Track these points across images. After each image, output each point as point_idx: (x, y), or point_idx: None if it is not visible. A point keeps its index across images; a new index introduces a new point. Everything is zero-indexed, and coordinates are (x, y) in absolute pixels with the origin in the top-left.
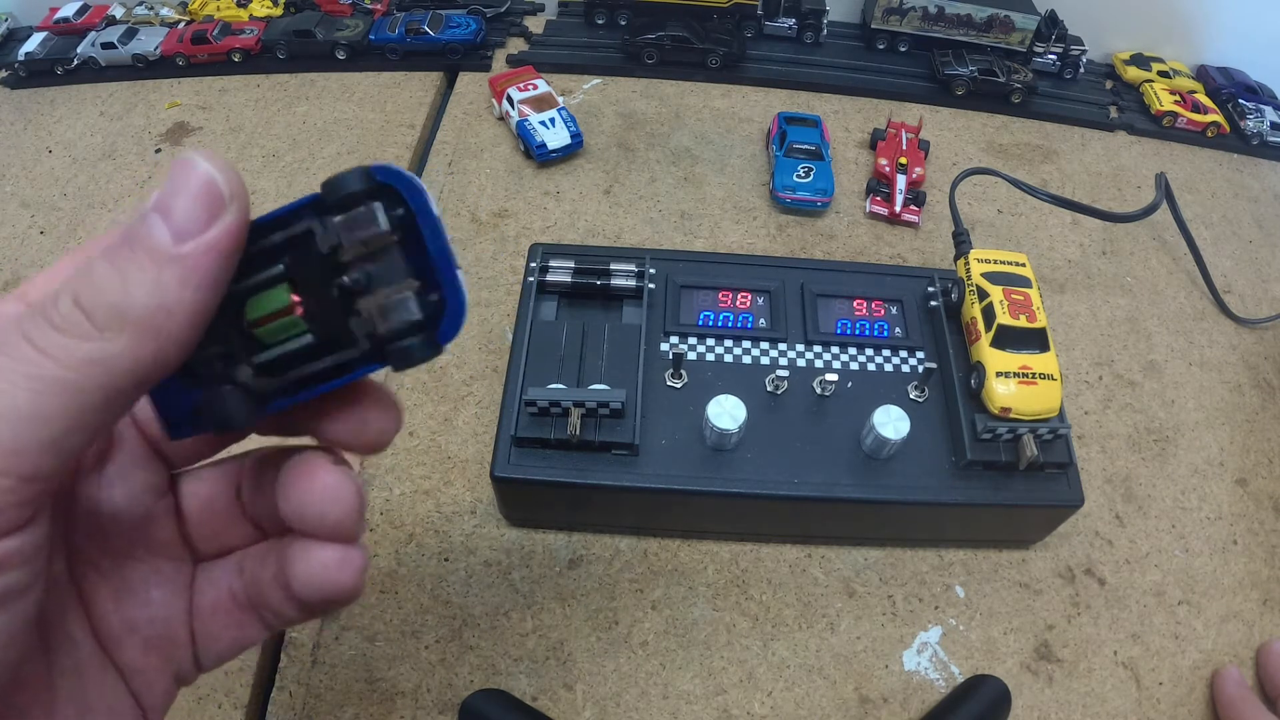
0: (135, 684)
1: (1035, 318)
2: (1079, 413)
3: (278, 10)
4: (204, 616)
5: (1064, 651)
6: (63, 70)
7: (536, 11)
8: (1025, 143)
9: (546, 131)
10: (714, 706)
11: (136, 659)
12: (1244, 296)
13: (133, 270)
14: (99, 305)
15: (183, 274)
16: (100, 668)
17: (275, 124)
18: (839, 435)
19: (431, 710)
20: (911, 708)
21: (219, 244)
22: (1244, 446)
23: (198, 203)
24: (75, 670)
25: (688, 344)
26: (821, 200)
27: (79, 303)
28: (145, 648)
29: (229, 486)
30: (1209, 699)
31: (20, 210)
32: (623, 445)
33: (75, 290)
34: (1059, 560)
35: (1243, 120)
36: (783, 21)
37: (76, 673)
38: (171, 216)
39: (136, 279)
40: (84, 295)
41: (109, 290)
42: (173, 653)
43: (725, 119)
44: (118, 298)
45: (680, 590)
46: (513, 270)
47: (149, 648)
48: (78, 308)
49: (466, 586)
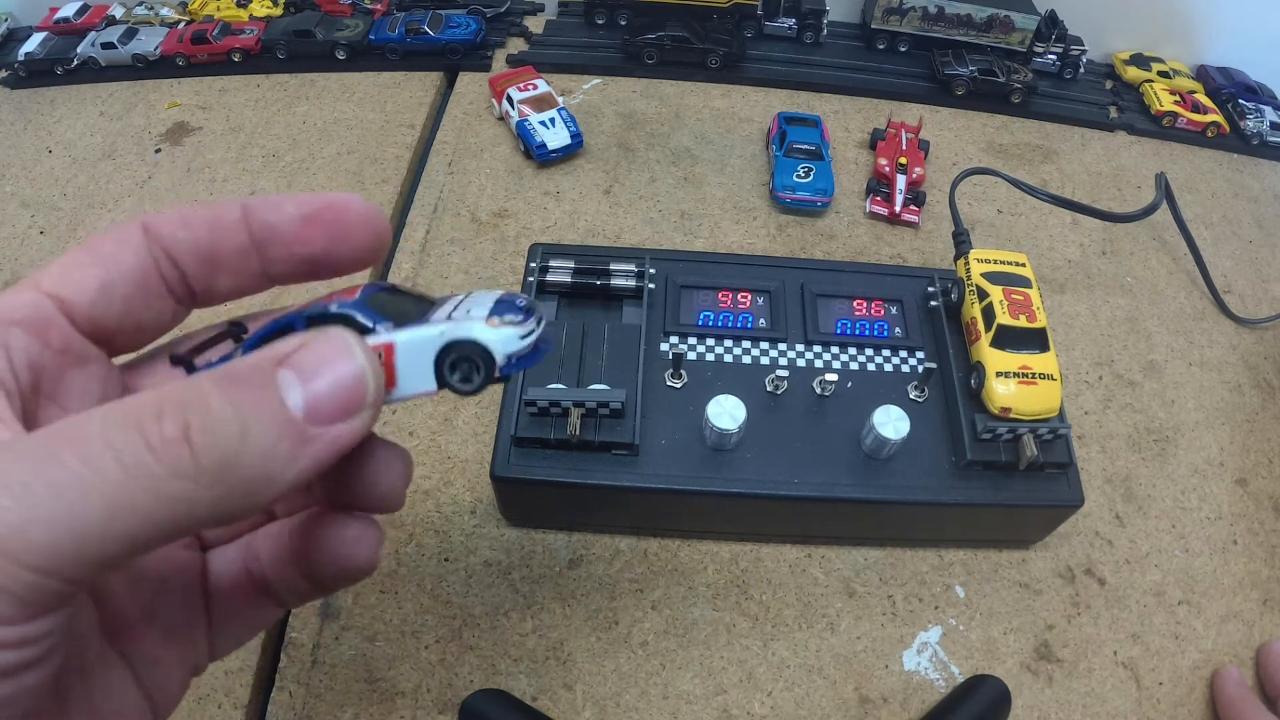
0: (149, 678)
1: (1035, 318)
2: (1079, 413)
3: (278, 10)
4: (220, 598)
5: (1064, 651)
6: (63, 70)
7: (536, 11)
8: (1025, 143)
9: (546, 131)
10: (714, 706)
11: (156, 650)
12: (1244, 296)
13: (255, 427)
14: (210, 450)
15: (300, 453)
16: (106, 666)
17: (275, 124)
18: (839, 435)
19: (431, 710)
20: (911, 708)
21: (342, 442)
22: (1244, 446)
23: (342, 392)
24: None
25: (688, 344)
26: (821, 200)
27: (189, 437)
28: (165, 637)
29: None
30: (1209, 699)
31: (20, 210)
32: (623, 445)
33: (187, 421)
34: (1059, 560)
35: (1243, 120)
36: (783, 21)
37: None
38: (311, 390)
39: (256, 439)
40: (197, 433)
41: (225, 438)
42: (191, 639)
43: (725, 119)
44: (231, 451)
45: (680, 590)
46: (513, 270)
47: (169, 637)
48: (185, 442)
49: (466, 586)
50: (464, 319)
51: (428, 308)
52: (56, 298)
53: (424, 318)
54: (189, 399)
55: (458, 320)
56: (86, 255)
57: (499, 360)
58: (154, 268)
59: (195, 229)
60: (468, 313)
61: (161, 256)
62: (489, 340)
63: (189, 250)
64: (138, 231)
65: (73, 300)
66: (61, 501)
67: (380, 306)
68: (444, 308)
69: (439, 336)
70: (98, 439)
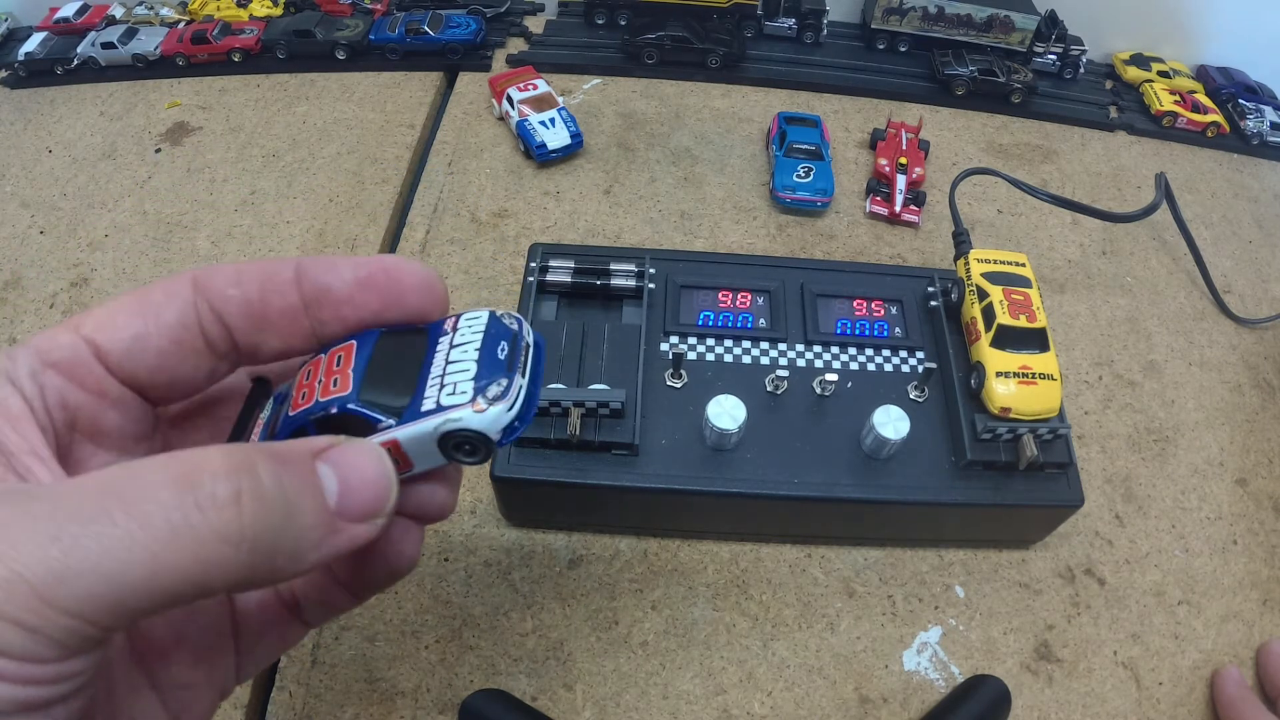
0: (177, 701)
1: (1035, 318)
2: (1079, 413)
3: (278, 10)
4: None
5: (1064, 651)
6: (63, 70)
7: (536, 11)
8: (1025, 143)
9: (546, 131)
10: (714, 706)
11: (185, 673)
12: (1244, 296)
13: (298, 508)
14: (258, 521)
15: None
16: (133, 691)
17: (275, 124)
18: (839, 435)
19: (431, 710)
20: (911, 708)
21: (359, 540)
22: (1244, 446)
23: (369, 494)
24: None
25: (688, 344)
26: (821, 200)
27: (241, 503)
28: (195, 660)
29: None
30: (1209, 699)
31: (20, 210)
32: (623, 445)
33: (240, 488)
34: (1059, 560)
35: (1243, 120)
36: (783, 21)
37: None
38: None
39: (298, 519)
40: (248, 500)
41: (272, 511)
42: (220, 662)
43: (725, 119)
44: (276, 524)
45: (680, 590)
46: (513, 270)
47: (199, 659)
48: (237, 507)
49: (466, 586)
50: (452, 401)
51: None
52: (93, 343)
53: (419, 398)
54: (240, 466)
55: (446, 407)
56: (132, 303)
57: (494, 438)
58: (196, 323)
59: (246, 286)
60: (454, 388)
61: (206, 312)
62: (480, 427)
63: (238, 308)
64: (187, 284)
65: (107, 348)
66: (108, 558)
67: (376, 387)
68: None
69: (434, 431)
70: (150, 499)
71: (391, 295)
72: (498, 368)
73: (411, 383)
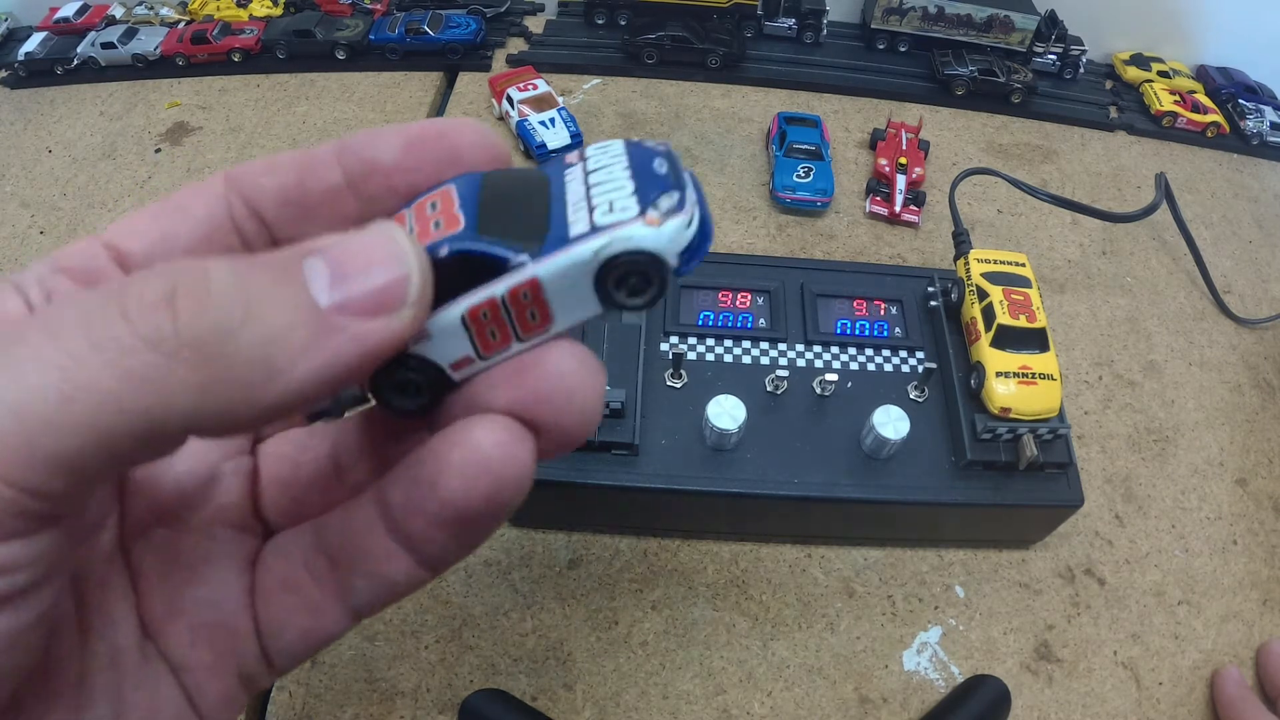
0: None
1: (1035, 318)
2: (1079, 413)
3: (278, 10)
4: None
5: (1064, 651)
6: (63, 70)
7: (536, 11)
8: (1025, 143)
9: (546, 131)
10: (714, 706)
11: (182, 651)
12: (1244, 296)
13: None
14: (197, 320)
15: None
16: (140, 659)
17: (275, 124)
18: (839, 435)
19: (431, 710)
20: (911, 708)
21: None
22: (1244, 446)
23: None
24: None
25: (688, 344)
26: (821, 200)
27: (175, 301)
28: (192, 637)
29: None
30: (1209, 699)
31: (20, 210)
32: (623, 445)
33: (175, 286)
34: (1059, 560)
35: (1243, 120)
36: (783, 21)
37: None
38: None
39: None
40: (184, 299)
41: (221, 310)
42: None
43: (725, 119)
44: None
45: (680, 590)
46: None
47: (196, 637)
48: (167, 307)
49: (466, 586)
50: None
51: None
52: (113, 247)
53: (561, 225)
54: (184, 267)
55: (606, 226)
56: (159, 207)
57: (672, 264)
58: (227, 220)
59: (282, 174)
60: (610, 207)
61: (239, 206)
62: (657, 247)
63: (274, 196)
64: (218, 181)
65: (129, 251)
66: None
67: (496, 221)
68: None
69: (594, 258)
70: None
71: (446, 158)
72: (661, 181)
73: (543, 215)
